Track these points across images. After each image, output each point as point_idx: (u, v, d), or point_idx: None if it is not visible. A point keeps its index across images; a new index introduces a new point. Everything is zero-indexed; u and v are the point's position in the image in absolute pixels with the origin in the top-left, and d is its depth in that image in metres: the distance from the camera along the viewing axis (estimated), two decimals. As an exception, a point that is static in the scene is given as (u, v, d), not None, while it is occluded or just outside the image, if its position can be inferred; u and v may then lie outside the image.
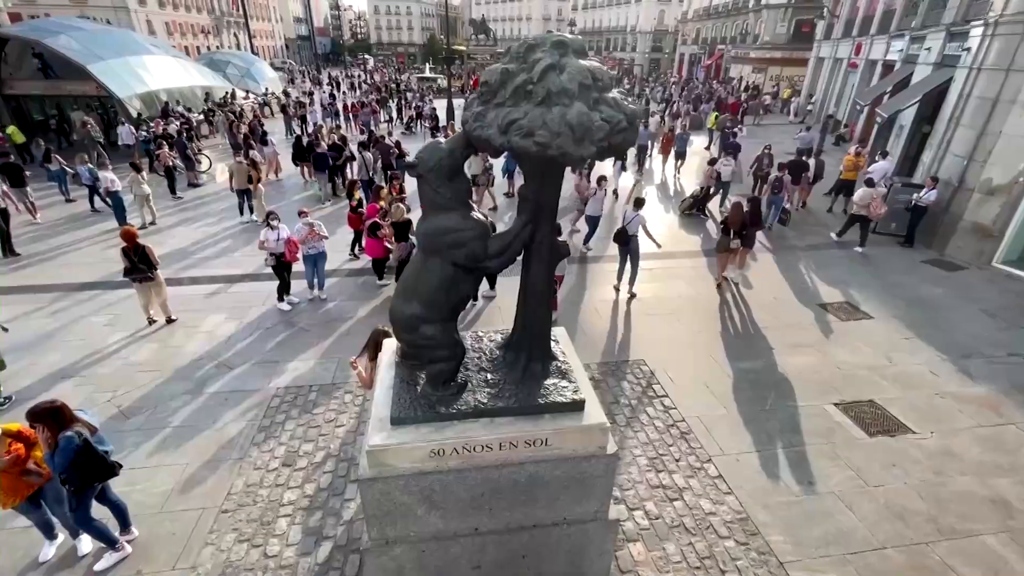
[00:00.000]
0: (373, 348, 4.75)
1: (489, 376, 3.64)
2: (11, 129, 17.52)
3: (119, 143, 15.89)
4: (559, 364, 3.75)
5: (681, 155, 17.09)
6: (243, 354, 7.13)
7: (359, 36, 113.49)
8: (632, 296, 8.89)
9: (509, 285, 9.05)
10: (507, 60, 2.83)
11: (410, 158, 3.57)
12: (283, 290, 8.33)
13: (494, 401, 3.41)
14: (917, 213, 10.89)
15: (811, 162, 13.51)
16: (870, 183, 10.80)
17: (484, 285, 8.79)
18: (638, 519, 4.75)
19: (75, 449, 3.69)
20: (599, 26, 69.98)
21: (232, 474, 5.13)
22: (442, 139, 3.08)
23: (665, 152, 17.52)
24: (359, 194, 9.76)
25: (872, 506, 4.90)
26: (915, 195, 10.82)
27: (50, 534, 4.34)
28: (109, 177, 12.24)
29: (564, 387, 3.53)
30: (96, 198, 13.01)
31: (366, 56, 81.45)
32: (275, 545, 4.43)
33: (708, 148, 20.42)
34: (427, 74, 49.02)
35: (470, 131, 2.83)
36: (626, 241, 8.63)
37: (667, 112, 27.82)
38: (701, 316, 8.35)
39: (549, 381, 3.57)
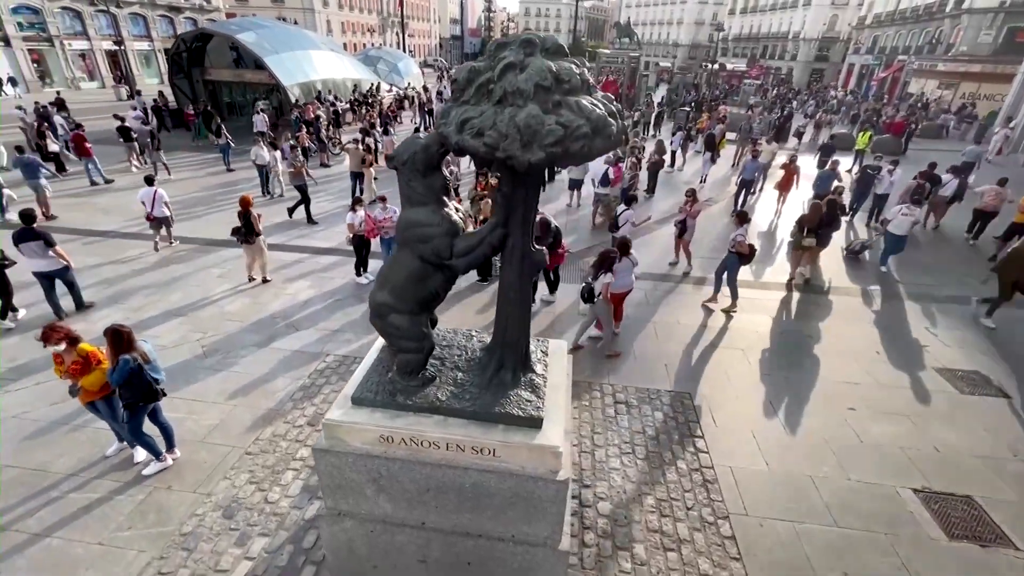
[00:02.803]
0: None
1: (459, 376, 3.62)
2: (203, 104, 21.65)
3: (254, 129, 18.39)
4: (533, 377, 3.61)
5: (820, 199, 12.97)
6: (311, 319, 7.91)
7: (507, 37, 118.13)
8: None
9: (571, 291, 8.89)
10: (481, 58, 2.78)
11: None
12: (360, 266, 9.06)
13: (452, 401, 3.39)
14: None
15: (952, 181, 12.12)
16: (1003, 182, 11.24)
17: (544, 289, 8.72)
18: (621, 560, 4.38)
19: (129, 371, 4.43)
20: (756, 32, 64.66)
21: (265, 422, 5.75)
22: (422, 135, 3.12)
23: (784, 189, 13.41)
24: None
25: (921, 624, 3.97)
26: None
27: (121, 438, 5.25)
28: (260, 152, 14.31)
29: (527, 401, 3.39)
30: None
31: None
32: (276, 493, 4.88)
33: (850, 171, 17.83)
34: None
35: (437, 128, 2.83)
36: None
37: (777, 120, 24.21)
38: (775, 357, 7.38)
39: (514, 392, 3.45)
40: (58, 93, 26.34)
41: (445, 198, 3.19)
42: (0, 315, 7.39)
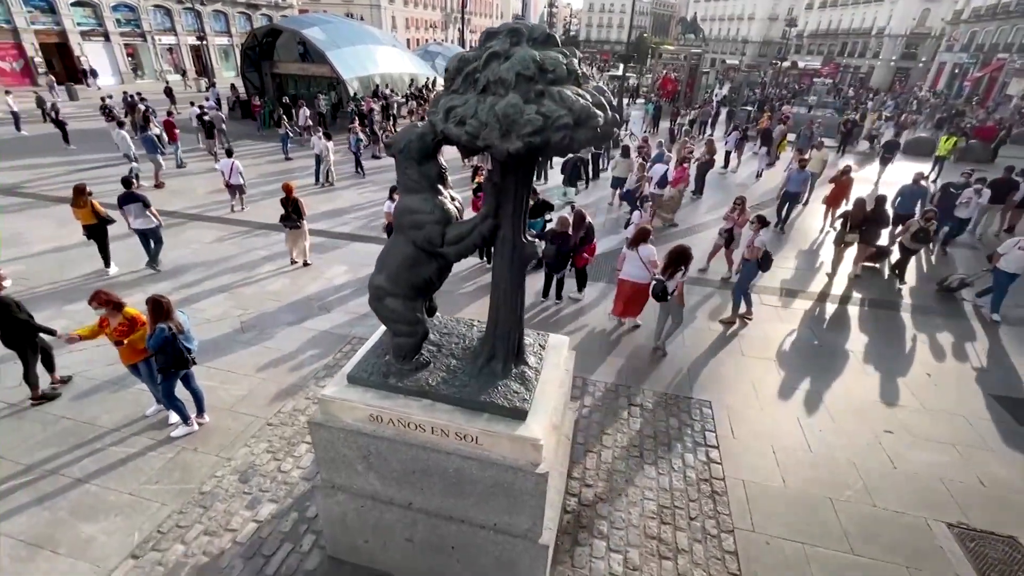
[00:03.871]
0: None
1: (452, 363, 3.68)
2: (266, 99, 23.01)
3: (298, 123, 19.19)
4: (525, 370, 3.61)
5: (901, 219, 10.78)
6: (342, 301, 8.24)
7: (569, 33, 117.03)
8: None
9: (603, 290, 8.77)
10: (472, 49, 2.80)
11: None
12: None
13: (441, 386, 3.45)
14: None
15: None
16: None
17: (573, 287, 8.65)
18: (613, 564, 4.30)
19: (163, 338, 4.81)
20: (835, 28, 60.72)
21: (287, 396, 6.06)
22: (419, 124, 3.18)
23: (833, 204, 12.12)
24: (480, 179, 10.32)
25: (934, 667, 3.66)
26: None
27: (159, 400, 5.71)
28: (316, 142, 15.01)
29: (514, 392, 3.40)
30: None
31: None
32: (289, 463, 5.15)
33: (926, 178, 16.38)
34: (618, 72, 48.77)
35: (429, 116, 2.89)
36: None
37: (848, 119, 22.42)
38: (810, 370, 6.96)
39: (503, 383, 3.47)
40: (166, 82, 29.26)
41: (440, 186, 3.24)
42: (106, 264, 8.92)
